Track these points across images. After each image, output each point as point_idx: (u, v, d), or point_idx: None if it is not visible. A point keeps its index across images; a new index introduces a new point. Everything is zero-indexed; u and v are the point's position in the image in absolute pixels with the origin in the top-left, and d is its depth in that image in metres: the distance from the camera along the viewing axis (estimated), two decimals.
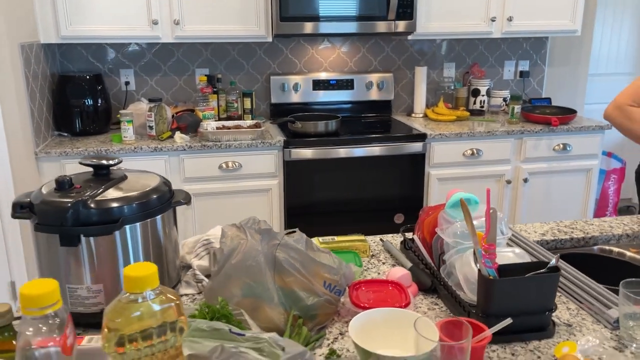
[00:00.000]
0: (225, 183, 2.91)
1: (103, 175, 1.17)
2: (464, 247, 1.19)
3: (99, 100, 3.03)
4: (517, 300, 1.05)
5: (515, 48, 3.76)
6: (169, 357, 0.75)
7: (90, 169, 1.19)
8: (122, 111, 2.85)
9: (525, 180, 3.24)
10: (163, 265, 1.19)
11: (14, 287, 2.55)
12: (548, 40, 3.79)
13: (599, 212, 3.73)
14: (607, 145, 4.21)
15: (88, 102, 2.98)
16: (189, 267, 1.34)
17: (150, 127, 2.89)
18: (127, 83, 3.29)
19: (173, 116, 3.08)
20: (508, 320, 0.97)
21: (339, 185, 3.02)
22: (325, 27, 3.04)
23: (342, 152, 2.96)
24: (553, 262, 1.06)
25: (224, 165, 2.88)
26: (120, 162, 1.19)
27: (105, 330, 0.72)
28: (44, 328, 0.66)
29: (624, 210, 4.28)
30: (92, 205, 1.05)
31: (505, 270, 1.07)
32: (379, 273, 1.37)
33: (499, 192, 3.25)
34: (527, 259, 1.17)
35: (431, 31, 3.23)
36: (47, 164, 2.71)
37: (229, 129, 2.97)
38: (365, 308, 1.12)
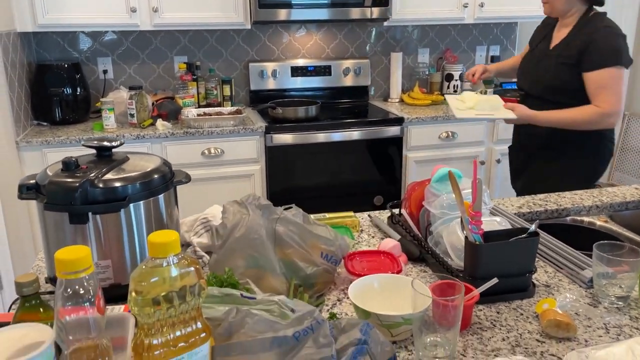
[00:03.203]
0: (208, 169, 2.95)
1: (106, 156, 1.21)
2: (450, 217, 1.27)
3: (78, 89, 3.02)
4: (501, 263, 1.14)
5: (486, 33, 3.87)
6: (190, 318, 0.81)
7: (93, 151, 1.23)
8: (102, 99, 2.86)
9: (498, 161, 3.37)
10: None
11: None
12: (517, 25, 3.91)
13: None
14: None
15: (67, 90, 2.97)
16: (187, 245, 1.40)
17: (132, 115, 2.90)
18: (105, 71, 3.28)
19: (153, 104, 3.09)
20: (494, 280, 1.06)
21: (320, 169, 3.09)
22: (303, 14, 3.09)
23: (322, 137, 3.03)
24: (533, 227, 1.16)
25: (206, 152, 2.91)
26: (122, 143, 1.23)
27: (133, 293, 0.77)
28: (81, 290, 0.71)
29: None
30: (99, 185, 1.10)
31: (490, 236, 1.15)
32: (369, 246, 1.45)
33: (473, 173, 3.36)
34: (509, 226, 1.26)
35: (406, 17, 3.31)
36: (29, 153, 2.70)
37: (210, 115, 3.00)
38: (360, 276, 1.19)
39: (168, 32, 3.31)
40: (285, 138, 3.00)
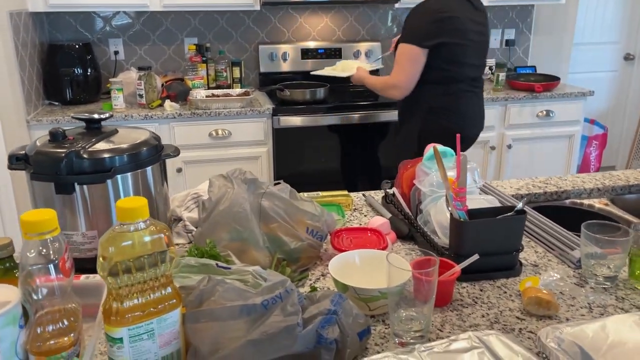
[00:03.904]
0: (215, 150, 2.96)
1: (95, 129, 1.23)
2: (439, 195, 1.26)
3: (89, 70, 3.05)
4: (486, 241, 1.12)
5: (502, 16, 3.79)
6: (159, 284, 0.82)
7: (83, 124, 1.24)
8: (112, 79, 2.88)
9: (509, 147, 3.32)
10: (154, 215, 1.25)
11: None
12: (534, 8, 3.83)
13: None
14: (592, 113, 4.29)
15: (78, 71, 3.00)
16: (179, 220, 1.41)
17: (140, 96, 2.92)
18: (116, 52, 3.31)
19: (162, 85, 3.11)
20: (475, 257, 1.04)
21: (328, 152, 3.08)
22: None
23: (330, 119, 3.02)
24: (520, 205, 1.14)
25: (213, 133, 2.92)
26: (111, 116, 1.24)
27: (100, 259, 0.78)
28: (44, 250, 0.72)
29: None
30: (85, 156, 1.11)
31: (476, 213, 1.14)
32: (360, 224, 1.44)
33: (483, 158, 3.33)
34: (497, 204, 1.25)
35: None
36: (39, 132, 2.74)
37: (218, 97, 3.01)
38: (344, 251, 1.19)
39: (179, 13, 3.32)
40: (293, 120, 2.99)
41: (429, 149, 1.38)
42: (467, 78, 2.27)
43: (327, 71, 2.84)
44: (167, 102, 2.92)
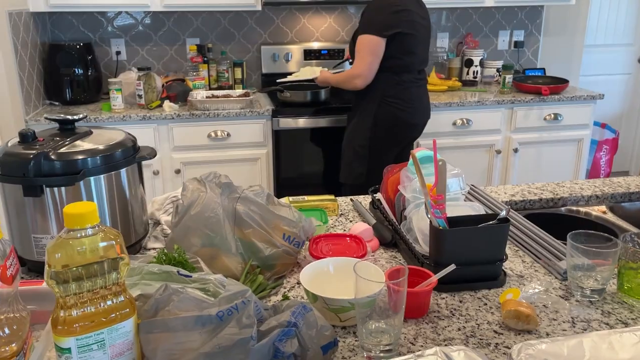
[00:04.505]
0: (214, 152, 2.94)
1: (68, 130, 1.20)
2: (421, 202, 1.21)
3: (90, 70, 3.05)
4: (467, 250, 1.08)
5: (510, 17, 3.72)
6: (110, 293, 0.79)
7: (57, 125, 1.21)
8: (110, 80, 2.87)
9: (516, 150, 3.25)
10: (129, 218, 1.23)
11: None
12: (544, 9, 3.75)
13: None
14: (603, 117, 4.20)
15: (78, 71, 3.00)
16: (158, 223, 1.38)
17: (139, 96, 2.91)
18: (118, 53, 3.30)
19: (163, 85, 3.09)
20: (451, 267, 1.00)
21: (328, 154, 3.04)
22: None
23: (331, 121, 2.97)
24: (503, 213, 1.09)
25: (212, 134, 2.90)
26: (85, 117, 1.21)
27: (47, 266, 0.75)
28: None
29: None
30: (54, 157, 1.08)
31: (457, 221, 1.09)
32: (345, 230, 1.40)
33: (489, 162, 3.26)
34: (482, 212, 1.20)
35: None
36: (38, 132, 2.73)
37: (218, 97, 2.99)
38: (322, 258, 1.15)
39: (181, 14, 3.30)
40: (293, 122, 2.96)
41: (415, 153, 1.33)
42: (415, 70, 2.51)
43: (294, 76, 2.98)
44: (166, 103, 2.90)
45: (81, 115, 1.21)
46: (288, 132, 2.96)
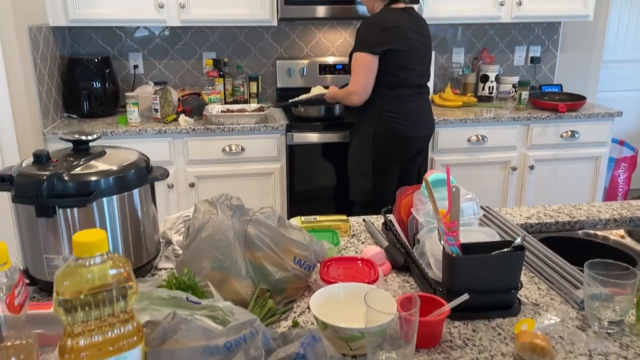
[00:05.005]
0: (228, 166, 2.94)
1: (82, 150, 1.21)
2: (435, 226, 1.19)
3: (107, 83, 3.08)
4: (481, 278, 1.06)
5: (527, 33, 3.70)
6: (119, 321, 0.78)
7: (71, 145, 1.22)
8: (127, 94, 2.90)
9: (532, 167, 3.21)
10: (140, 239, 1.23)
11: None
12: (561, 25, 3.72)
13: (608, 200, 3.68)
14: (621, 133, 4.14)
15: (96, 84, 3.03)
16: (170, 242, 1.38)
17: (156, 110, 2.93)
18: (135, 66, 3.33)
19: (179, 99, 3.11)
20: (465, 296, 0.98)
21: (342, 169, 3.02)
22: (330, 11, 3.04)
23: (345, 136, 2.96)
24: (518, 240, 1.07)
25: (227, 149, 2.91)
26: (99, 137, 1.22)
27: (55, 293, 0.75)
28: None
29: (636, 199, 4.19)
30: (67, 178, 1.09)
31: (471, 248, 1.07)
32: (356, 252, 1.39)
33: (504, 179, 3.23)
34: (497, 238, 1.17)
35: (439, 15, 3.19)
36: (55, 145, 2.77)
37: (233, 112, 3.00)
38: (332, 283, 1.13)
39: (198, 28, 3.33)
40: (307, 137, 2.96)
41: (429, 176, 1.32)
42: (413, 84, 2.53)
43: (304, 96, 2.95)
44: (182, 117, 2.92)
45: (95, 136, 1.21)
46: (302, 146, 2.96)
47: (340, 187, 3.05)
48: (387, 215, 1.51)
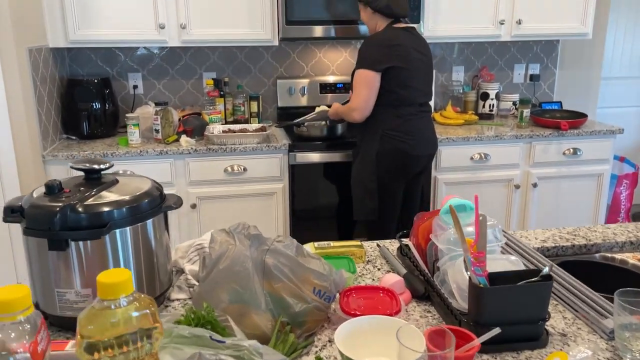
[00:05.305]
0: (230, 186, 2.91)
1: (94, 179, 1.17)
2: (457, 254, 1.17)
3: (107, 104, 3.05)
4: (509, 309, 1.03)
5: (526, 51, 3.71)
6: None
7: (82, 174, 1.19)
8: (128, 115, 2.87)
9: (535, 185, 3.20)
10: (154, 270, 1.19)
11: None
12: (559, 43, 3.74)
13: (611, 217, 3.67)
14: (621, 150, 4.15)
15: (96, 105, 3.00)
16: (182, 271, 1.34)
17: (157, 131, 2.90)
18: (135, 87, 3.31)
19: (180, 119, 3.09)
20: (496, 330, 0.95)
21: (345, 189, 3.00)
22: (331, 31, 3.04)
23: (347, 155, 2.94)
24: (546, 270, 1.04)
25: (229, 169, 2.88)
26: (112, 166, 1.19)
27: (79, 336, 0.71)
28: (13, 334, 0.66)
29: (638, 216, 4.19)
30: (80, 210, 1.05)
31: (497, 278, 1.05)
32: (373, 279, 1.35)
33: (507, 197, 3.21)
34: (521, 266, 1.15)
35: (439, 34, 3.20)
36: (54, 167, 2.73)
37: (235, 132, 2.98)
38: (354, 315, 1.10)
39: (198, 48, 3.32)
40: (310, 156, 2.94)
41: (447, 201, 1.29)
42: (416, 102, 2.53)
43: (308, 116, 2.95)
44: (183, 138, 2.89)
45: (107, 165, 1.18)
46: (305, 166, 2.94)
47: (342, 206, 3.03)
48: (402, 240, 1.48)
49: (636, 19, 4.23)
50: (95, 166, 1.17)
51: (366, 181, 2.56)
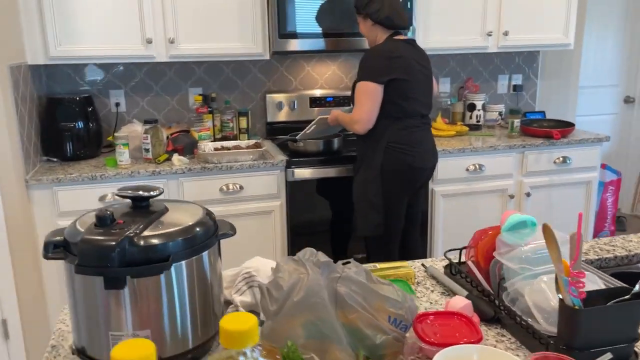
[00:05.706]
0: (226, 206, 2.80)
1: (142, 207, 1.07)
2: (533, 273, 1.12)
3: (90, 123, 2.89)
4: (603, 330, 0.98)
5: (508, 62, 3.77)
6: None
7: (127, 201, 1.08)
8: (116, 134, 2.72)
9: (528, 195, 3.22)
10: (208, 303, 1.09)
11: (6, 325, 2.38)
12: (539, 54, 3.82)
13: (599, 223, 3.74)
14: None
15: (78, 125, 2.83)
16: (228, 303, 1.24)
17: (147, 150, 2.76)
18: (117, 104, 3.15)
19: (168, 138, 2.95)
20: (608, 355, 0.90)
21: (343, 204, 2.94)
22: (324, 44, 2.98)
23: (345, 170, 2.88)
24: (637, 287, 1.00)
25: (224, 188, 2.77)
26: (162, 192, 1.08)
27: None
28: None
29: (621, 221, 4.27)
30: (141, 243, 0.95)
31: (588, 298, 1.00)
32: (430, 302, 1.29)
33: (502, 207, 3.22)
34: (600, 284, 1.11)
35: (430, 46, 3.19)
36: (38, 192, 2.55)
37: (229, 149, 2.87)
38: (432, 344, 1.03)
39: (183, 63, 3.20)
40: (307, 172, 2.86)
41: (507, 218, 1.25)
42: (418, 114, 2.52)
43: (310, 127, 2.88)
44: (175, 156, 2.76)
45: (157, 192, 1.08)
46: (303, 182, 2.86)
47: (342, 222, 2.96)
48: (451, 259, 1.42)
49: (607, 29, 4.36)
50: (145, 193, 1.07)
51: (371, 195, 2.50)
